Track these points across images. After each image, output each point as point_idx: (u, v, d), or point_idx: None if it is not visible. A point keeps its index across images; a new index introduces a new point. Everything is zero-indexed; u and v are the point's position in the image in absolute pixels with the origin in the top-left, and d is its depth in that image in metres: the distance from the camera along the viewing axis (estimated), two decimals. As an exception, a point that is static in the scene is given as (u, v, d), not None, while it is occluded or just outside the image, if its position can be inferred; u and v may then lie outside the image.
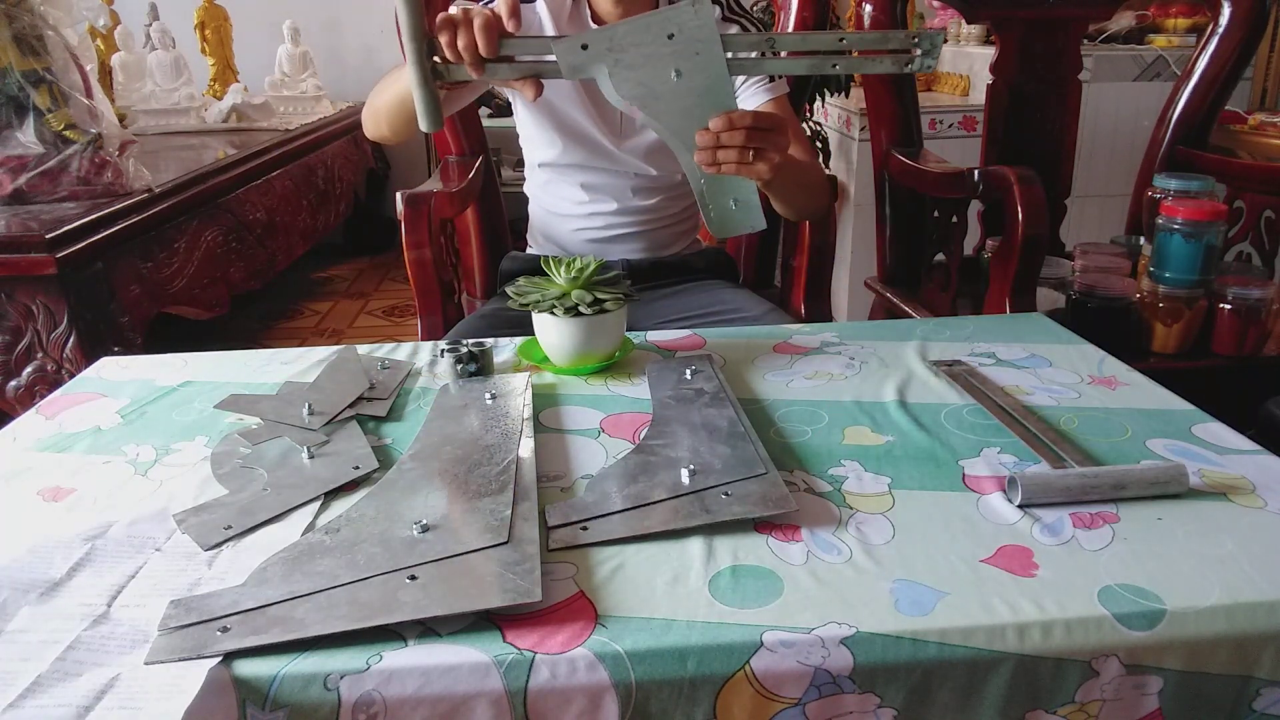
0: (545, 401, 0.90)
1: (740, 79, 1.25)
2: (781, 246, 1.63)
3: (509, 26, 0.83)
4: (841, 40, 0.83)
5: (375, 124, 1.15)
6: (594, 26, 1.23)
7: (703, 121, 0.87)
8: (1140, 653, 0.55)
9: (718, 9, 1.25)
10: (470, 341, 0.98)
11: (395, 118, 1.10)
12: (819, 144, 2.68)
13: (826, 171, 2.67)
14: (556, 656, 0.53)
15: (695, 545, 0.64)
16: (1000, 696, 0.55)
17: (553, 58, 0.85)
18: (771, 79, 1.24)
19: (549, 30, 1.24)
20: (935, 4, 2.90)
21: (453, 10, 0.85)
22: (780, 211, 1.24)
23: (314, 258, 3.41)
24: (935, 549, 0.63)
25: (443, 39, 0.84)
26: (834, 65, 0.84)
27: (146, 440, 0.83)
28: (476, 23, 0.82)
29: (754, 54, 0.86)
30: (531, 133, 1.33)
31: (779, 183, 1.03)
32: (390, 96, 1.09)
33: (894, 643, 0.55)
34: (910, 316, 1.62)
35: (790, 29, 1.50)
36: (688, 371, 0.93)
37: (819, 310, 1.43)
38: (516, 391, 0.90)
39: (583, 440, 0.81)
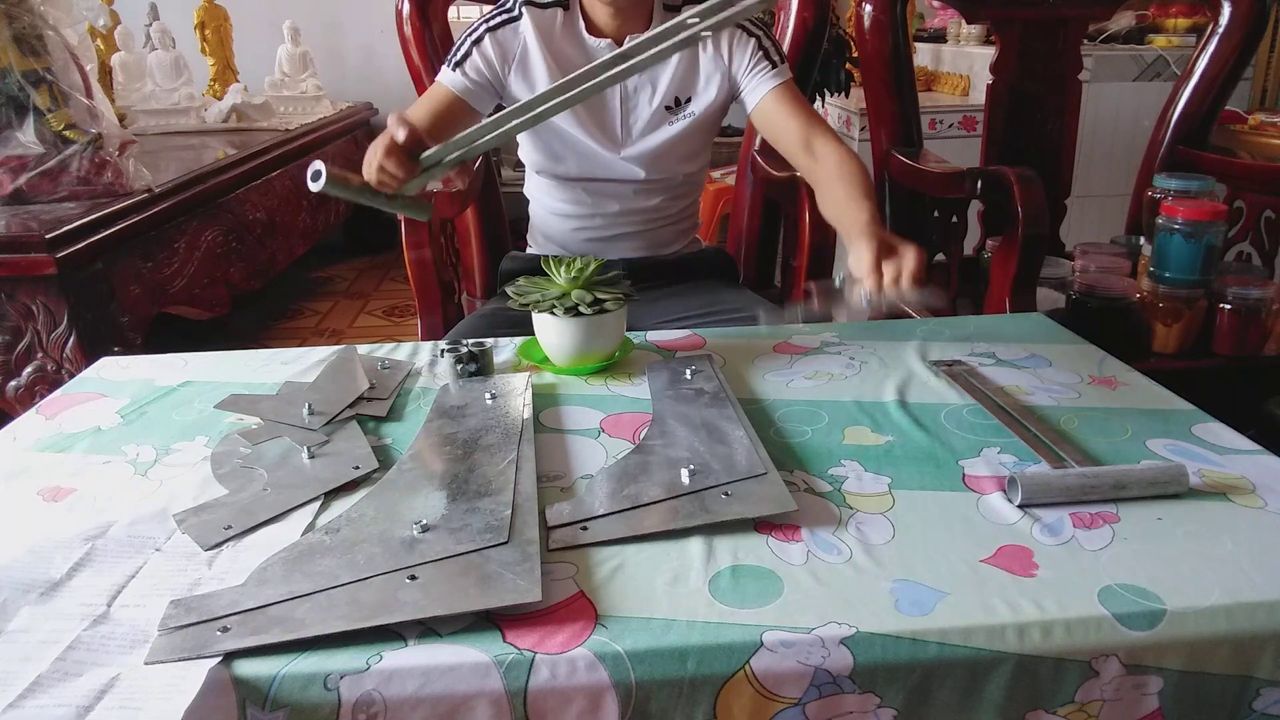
0: (545, 401, 0.90)
1: (741, 70, 1.22)
2: (781, 246, 1.63)
3: (399, 139, 0.93)
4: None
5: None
6: (589, 39, 1.22)
7: None
8: (1140, 653, 0.55)
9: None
10: (470, 341, 0.98)
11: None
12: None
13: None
14: (556, 656, 0.53)
15: (695, 545, 0.64)
16: (1000, 696, 0.55)
17: (497, 133, 0.92)
18: (774, 65, 1.22)
19: (534, 48, 1.21)
20: (935, 4, 2.90)
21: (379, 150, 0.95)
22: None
23: (314, 258, 3.40)
24: (935, 549, 0.63)
25: (373, 182, 0.95)
26: (705, 35, 0.88)
27: (146, 440, 0.83)
28: (388, 166, 0.93)
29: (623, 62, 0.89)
30: (530, 148, 1.32)
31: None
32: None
33: (894, 643, 0.55)
34: (910, 316, 1.62)
35: (790, 30, 1.51)
36: (688, 371, 0.93)
37: (819, 310, 1.43)
38: (516, 391, 0.90)
39: (583, 440, 0.81)
